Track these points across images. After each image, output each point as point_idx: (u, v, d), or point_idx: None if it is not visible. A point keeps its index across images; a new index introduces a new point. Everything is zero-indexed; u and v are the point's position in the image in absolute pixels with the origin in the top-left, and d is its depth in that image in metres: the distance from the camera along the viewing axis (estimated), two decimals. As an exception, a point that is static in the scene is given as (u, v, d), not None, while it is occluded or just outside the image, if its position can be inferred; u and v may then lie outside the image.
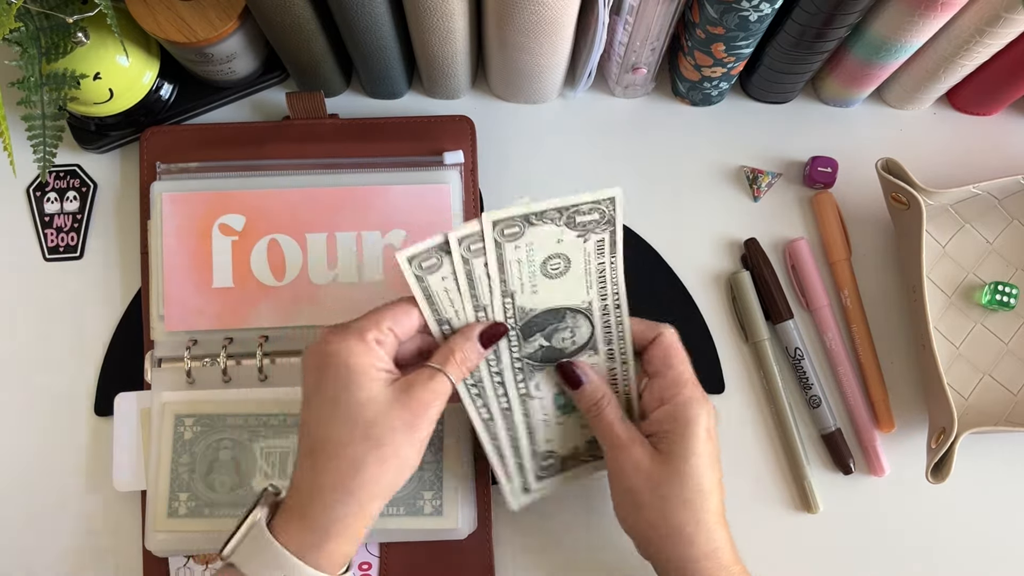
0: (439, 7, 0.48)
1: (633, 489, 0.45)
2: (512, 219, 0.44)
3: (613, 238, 0.46)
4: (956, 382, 0.57)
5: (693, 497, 0.44)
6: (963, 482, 0.56)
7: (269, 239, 0.54)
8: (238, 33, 0.53)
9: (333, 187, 0.55)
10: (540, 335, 0.48)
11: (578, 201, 0.44)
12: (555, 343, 0.48)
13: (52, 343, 0.57)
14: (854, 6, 0.47)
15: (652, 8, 0.50)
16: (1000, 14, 0.47)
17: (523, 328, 0.47)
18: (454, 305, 0.46)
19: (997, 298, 0.56)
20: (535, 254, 0.45)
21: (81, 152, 0.59)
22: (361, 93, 0.61)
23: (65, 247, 0.58)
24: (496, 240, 0.45)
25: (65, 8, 0.48)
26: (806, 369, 0.57)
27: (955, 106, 0.61)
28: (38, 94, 0.50)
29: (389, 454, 0.42)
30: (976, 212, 0.58)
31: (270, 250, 0.54)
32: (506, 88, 0.59)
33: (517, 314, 0.47)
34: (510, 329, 0.47)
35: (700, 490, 0.44)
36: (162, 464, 0.52)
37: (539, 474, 0.51)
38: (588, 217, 0.45)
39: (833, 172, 0.59)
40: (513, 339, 0.47)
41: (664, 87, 0.61)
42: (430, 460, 0.52)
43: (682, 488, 0.44)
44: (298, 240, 0.54)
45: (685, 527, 0.44)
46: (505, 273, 0.46)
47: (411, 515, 0.52)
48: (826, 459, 0.57)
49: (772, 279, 0.57)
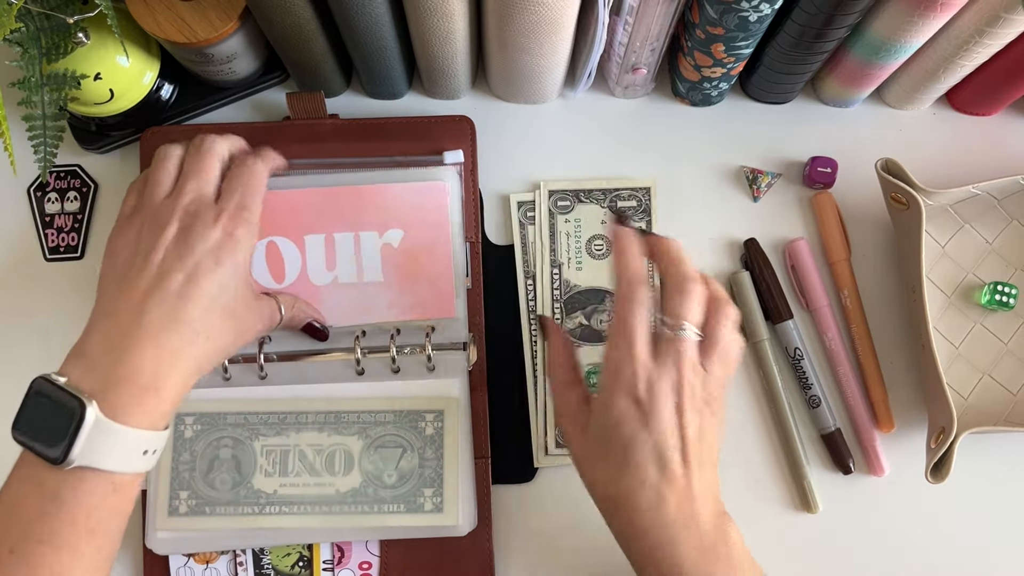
0: (439, 8, 0.48)
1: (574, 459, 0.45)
2: (565, 193, 0.45)
3: (649, 228, 0.47)
4: (956, 382, 0.57)
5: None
6: (962, 482, 0.56)
7: (267, 242, 0.54)
8: (238, 33, 0.53)
9: (331, 187, 0.55)
10: (581, 313, 0.49)
11: (620, 185, 0.46)
12: (593, 323, 0.49)
13: (53, 343, 0.57)
14: (854, 6, 0.47)
15: (652, 8, 0.50)
16: (1000, 14, 0.47)
17: (566, 302, 0.48)
18: None
19: (997, 298, 0.56)
20: (582, 231, 0.47)
21: (82, 152, 0.59)
22: (361, 93, 0.61)
23: (66, 247, 0.59)
24: (550, 210, 0.46)
25: (65, 8, 0.48)
26: (806, 369, 0.57)
27: (955, 106, 0.61)
28: (39, 94, 0.50)
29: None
30: (976, 212, 0.58)
31: (268, 253, 0.54)
32: (506, 88, 0.59)
33: (562, 287, 0.48)
34: (556, 304, 0.49)
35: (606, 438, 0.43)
36: (162, 462, 0.52)
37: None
38: (627, 203, 0.47)
39: (833, 172, 0.59)
40: (557, 312, 0.48)
41: (664, 87, 0.61)
42: (430, 457, 0.53)
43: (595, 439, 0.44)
44: (296, 243, 0.54)
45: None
46: (556, 243, 0.47)
47: (411, 512, 0.52)
48: (826, 459, 0.57)
49: (772, 279, 0.57)
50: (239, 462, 0.53)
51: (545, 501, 0.56)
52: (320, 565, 0.54)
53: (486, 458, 0.55)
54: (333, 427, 0.53)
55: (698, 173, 0.60)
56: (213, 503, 0.52)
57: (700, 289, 0.44)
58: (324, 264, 0.54)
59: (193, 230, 0.44)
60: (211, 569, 0.54)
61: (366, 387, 0.54)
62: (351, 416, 0.53)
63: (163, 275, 0.43)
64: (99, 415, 0.39)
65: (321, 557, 0.54)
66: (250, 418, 0.53)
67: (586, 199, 0.55)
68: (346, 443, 0.53)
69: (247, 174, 0.47)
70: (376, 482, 0.52)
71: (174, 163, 0.47)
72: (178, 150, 0.48)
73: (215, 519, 0.52)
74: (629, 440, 0.42)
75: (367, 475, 0.53)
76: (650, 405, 0.42)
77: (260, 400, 0.53)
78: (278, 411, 0.53)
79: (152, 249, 0.44)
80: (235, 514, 0.52)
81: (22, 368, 0.57)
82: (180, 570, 0.54)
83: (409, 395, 0.53)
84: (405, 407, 0.53)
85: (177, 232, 0.44)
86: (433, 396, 0.53)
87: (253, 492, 0.52)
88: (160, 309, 0.42)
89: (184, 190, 0.45)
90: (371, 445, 0.53)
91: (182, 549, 0.53)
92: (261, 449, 0.53)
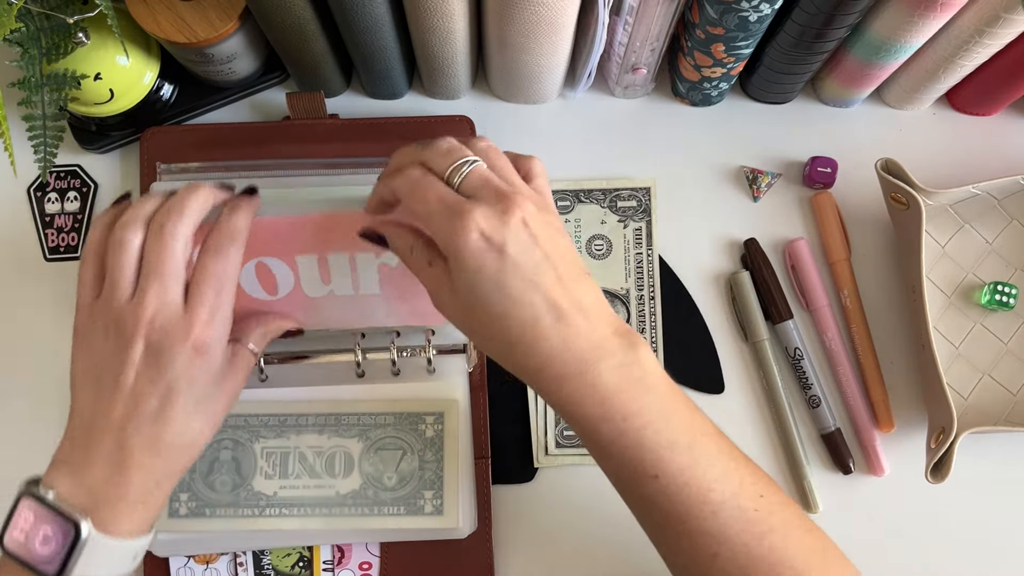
0: (439, 8, 0.48)
1: (450, 317, 0.42)
2: (565, 193, 0.45)
3: (649, 228, 0.47)
4: (955, 382, 0.57)
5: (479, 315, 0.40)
6: (962, 482, 0.56)
7: (256, 262, 0.51)
8: (238, 33, 0.53)
9: (326, 212, 0.51)
10: None
11: (620, 185, 0.45)
12: None
13: (53, 343, 0.57)
14: (854, 6, 0.47)
15: (652, 8, 0.50)
16: (1000, 14, 0.47)
17: None
18: None
19: (997, 298, 0.57)
20: (582, 231, 0.46)
21: (82, 152, 0.59)
22: (361, 93, 0.61)
23: (66, 247, 0.58)
24: None
25: (66, 8, 0.48)
26: (806, 369, 0.57)
27: (955, 106, 0.61)
28: (39, 94, 0.50)
29: None
30: (976, 212, 0.58)
31: (259, 271, 0.51)
32: (506, 88, 0.59)
33: None
34: None
35: (487, 310, 0.39)
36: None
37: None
38: (627, 203, 0.47)
39: (833, 172, 0.59)
40: None
41: (664, 87, 0.61)
42: (430, 460, 0.53)
43: (470, 311, 0.40)
44: (288, 263, 0.51)
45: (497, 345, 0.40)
46: None
47: (412, 515, 0.52)
48: (826, 459, 0.57)
49: (772, 279, 0.57)
50: (239, 464, 0.52)
51: (545, 501, 0.56)
52: (320, 565, 0.54)
53: (486, 458, 0.55)
54: (333, 429, 0.53)
55: (698, 173, 0.60)
56: (213, 505, 0.52)
57: (439, 143, 0.42)
58: (319, 279, 0.51)
59: (161, 352, 0.41)
60: (211, 569, 0.54)
61: (366, 389, 0.54)
62: (351, 418, 0.53)
63: (137, 398, 0.41)
64: (92, 531, 0.40)
65: (321, 558, 0.54)
66: (250, 420, 0.53)
67: (586, 199, 0.55)
68: (346, 445, 0.53)
69: (219, 265, 0.43)
70: (376, 484, 0.52)
71: (133, 256, 0.43)
72: (137, 237, 0.43)
73: (215, 521, 0.52)
74: (498, 282, 0.38)
75: (367, 477, 0.52)
76: (500, 238, 0.38)
77: (260, 402, 0.53)
78: (278, 413, 0.53)
79: (121, 369, 0.41)
80: (235, 516, 0.52)
81: (22, 368, 0.57)
82: (180, 570, 0.54)
83: (409, 397, 0.53)
84: (405, 409, 0.53)
85: (144, 351, 0.41)
86: (433, 398, 0.53)
87: (253, 494, 0.52)
88: (139, 435, 0.41)
89: (146, 300, 0.41)
90: (371, 447, 0.53)
91: (182, 551, 0.53)
92: (261, 451, 0.53)
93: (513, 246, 0.38)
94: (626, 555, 0.56)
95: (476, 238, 0.38)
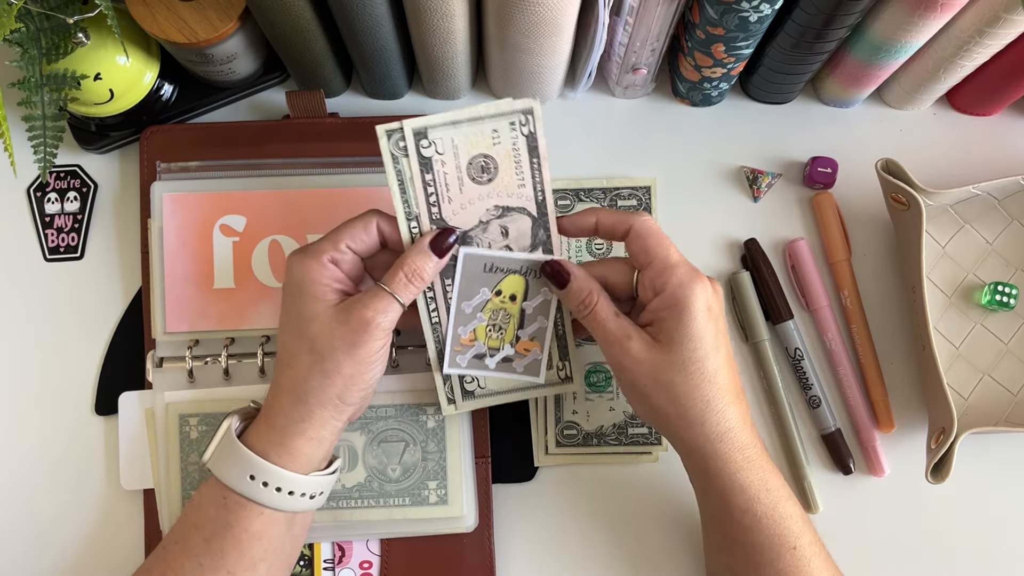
0: (439, 8, 0.48)
1: (635, 383, 0.45)
2: (565, 192, 0.48)
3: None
4: (956, 382, 0.57)
5: (697, 381, 0.44)
6: (963, 482, 0.56)
7: (270, 240, 0.54)
8: (238, 34, 0.53)
9: (333, 187, 0.55)
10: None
11: (620, 184, 0.46)
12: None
13: (53, 343, 0.57)
14: (854, 7, 0.47)
15: (652, 9, 0.50)
16: (1000, 15, 0.47)
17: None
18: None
19: (997, 298, 0.57)
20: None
21: (82, 152, 0.59)
22: (361, 94, 0.61)
23: (66, 247, 0.58)
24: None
25: (65, 9, 0.48)
26: (806, 369, 0.57)
27: (955, 106, 0.61)
28: (39, 94, 0.50)
29: (330, 369, 0.44)
30: (976, 212, 0.58)
31: (271, 251, 0.54)
32: (506, 88, 0.59)
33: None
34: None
35: (703, 373, 0.44)
36: (171, 465, 0.53)
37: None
38: (628, 203, 0.50)
39: (833, 172, 0.59)
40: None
41: (664, 87, 0.61)
42: (433, 450, 0.53)
43: (684, 374, 0.44)
44: (299, 240, 0.54)
45: (691, 410, 0.44)
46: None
47: (416, 504, 0.52)
48: (826, 459, 0.57)
49: (772, 279, 0.57)
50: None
51: (545, 501, 0.56)
52: (320, 564, 0.54)
53: (486, 458, 0.55)
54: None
55: (698, 173, 0.60)
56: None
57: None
58: None
59: None
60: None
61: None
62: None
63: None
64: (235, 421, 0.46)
65: (322, 556, 0.54)
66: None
67: (586, 198, 0.56)
68: (349, 438, 0.53)
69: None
70: (380, 476, 0.53)
71: None
72: None
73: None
74: (716, 345, 0.45)
75: (371, 470, 0.53)
76: (718, 309, 0.46)
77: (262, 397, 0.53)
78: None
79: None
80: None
81: (22, 368, 0.57)
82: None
83: (409, 388, 0.53)
84: (406, 401, 0.53)
85: None
86: (433, 388, 0.53)
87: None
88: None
89: None
90: (374, 440, 0.53)
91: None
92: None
93: (722, 320, 0.46)
94: (625, 554, 0.56)
95: (705, 300, 0.44)
